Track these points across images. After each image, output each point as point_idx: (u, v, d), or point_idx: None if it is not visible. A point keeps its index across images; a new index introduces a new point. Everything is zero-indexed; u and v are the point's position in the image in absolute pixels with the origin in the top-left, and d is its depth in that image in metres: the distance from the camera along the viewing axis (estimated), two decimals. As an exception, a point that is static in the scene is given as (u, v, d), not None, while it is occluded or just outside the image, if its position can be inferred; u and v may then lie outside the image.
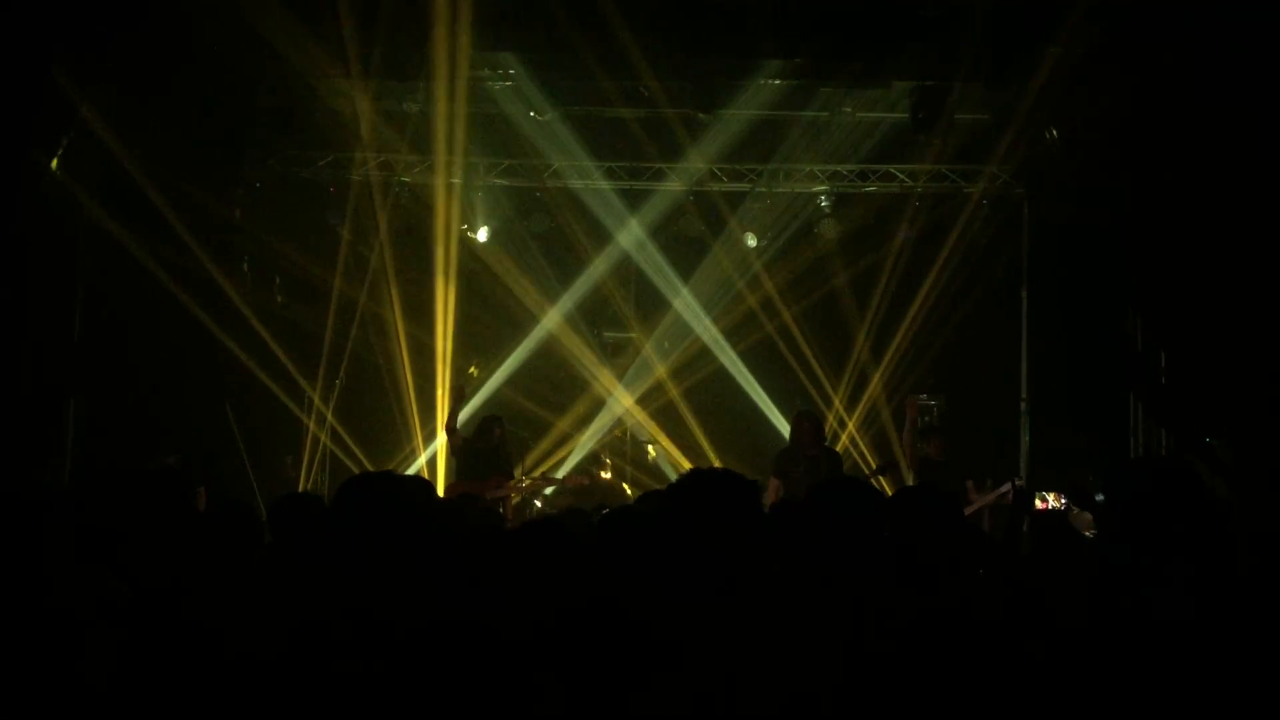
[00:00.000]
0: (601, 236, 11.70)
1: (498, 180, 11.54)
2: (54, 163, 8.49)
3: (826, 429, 9.59)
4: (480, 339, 11.80)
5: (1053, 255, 11.05)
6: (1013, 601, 2.55)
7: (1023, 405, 11.46)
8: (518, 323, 11.84)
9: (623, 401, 11.92)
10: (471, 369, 11.82)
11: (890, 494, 3.30)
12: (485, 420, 9.23)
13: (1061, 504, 9.04)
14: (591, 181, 11.46)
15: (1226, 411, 9.09)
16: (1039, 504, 9.02)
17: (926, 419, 11.19)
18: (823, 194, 11.64)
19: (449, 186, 11.45)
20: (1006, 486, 8.32)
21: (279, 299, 11.37)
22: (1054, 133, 10.17)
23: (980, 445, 10.10)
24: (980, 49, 8.99)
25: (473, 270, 11.75)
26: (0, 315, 7.91)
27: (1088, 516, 7.97)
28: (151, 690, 2.12)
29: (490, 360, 11.79)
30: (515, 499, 9.96)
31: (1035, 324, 11.46)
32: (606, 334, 12.31)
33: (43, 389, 8.59)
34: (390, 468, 9.39)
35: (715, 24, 8.89)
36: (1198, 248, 9.05)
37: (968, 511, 8.15)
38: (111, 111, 8.83)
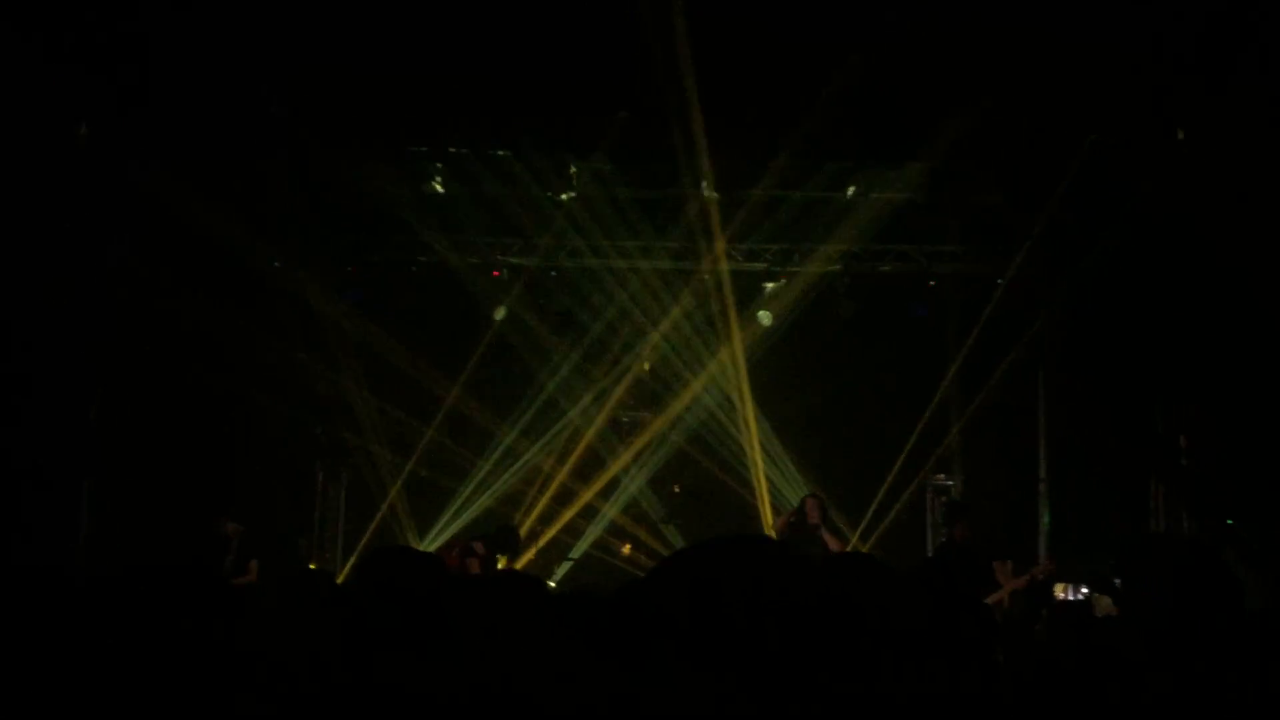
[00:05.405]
0: (614, 315, 11.77)
1: (514, 259, 11.67)
2: None
3: (842, 512, 9.63)
4: (503, 405, 11.84)
5: (1070, 335, 11.05)
6: (1022, 687, 2.51)
7: (1041, 487, 11.37)
8: (534, 397, 11.86)
9: (637, 480, 11.89)
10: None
11: None
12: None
13: (1082, 594, 8.90)
14: (608, 261, 11.56)
15: (1249, 493, 9.02)
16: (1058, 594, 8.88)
17: (948, 498, 11.09)
18: (838, 274, 11.69)
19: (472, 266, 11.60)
20: (1040, 569, 8.21)
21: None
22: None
23: (999, 527, 10.00)
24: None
25: (491, 347, 11.84)
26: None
27: (1108, 600, 7.84)
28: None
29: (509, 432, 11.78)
30: None
31: (1053, 405, 11.41)
32: (621, 414, 12.28)
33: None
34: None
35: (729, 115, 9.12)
36: (1219, 328, 9.07)
37: (992, 599, 7.86)
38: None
